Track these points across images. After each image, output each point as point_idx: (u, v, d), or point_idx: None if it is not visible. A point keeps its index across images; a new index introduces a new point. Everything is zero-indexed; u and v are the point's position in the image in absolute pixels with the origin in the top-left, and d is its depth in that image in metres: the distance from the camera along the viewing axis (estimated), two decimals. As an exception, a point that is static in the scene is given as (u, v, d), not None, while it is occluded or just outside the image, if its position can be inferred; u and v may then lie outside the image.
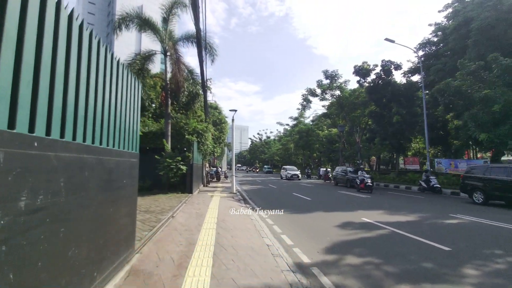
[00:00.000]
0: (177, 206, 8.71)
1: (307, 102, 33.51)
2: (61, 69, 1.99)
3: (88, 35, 2.45)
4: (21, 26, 1.58)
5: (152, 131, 13.91)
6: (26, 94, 1.63)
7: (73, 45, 2.16)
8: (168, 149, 12.31)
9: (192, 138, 12.67)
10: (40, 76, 1.75)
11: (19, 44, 1.57)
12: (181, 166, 11.92)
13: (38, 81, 1.73)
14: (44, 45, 1.78)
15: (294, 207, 10.84)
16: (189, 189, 12.35)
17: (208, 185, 20.72)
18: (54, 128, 1.89)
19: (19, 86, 1.56)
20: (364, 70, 25.49)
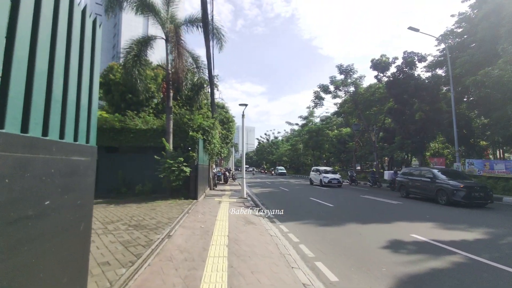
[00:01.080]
0: (178, 217, 7.04)
1: (319, 99, 31.61)
2: None
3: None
4: None
5: (152, 128, 12.33)
6: None
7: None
8: (169, 148, 10.69)
9: (197, 135, 11.03)
10: None
11: None
12: (184, 167, 10.29)
13: None
14: None
15: (317, 216, 9.07)
16: (194, 194, 10.70)
17: (215, 188, 19.07)
18: None
19: None
20: (383, 64, 23.53)
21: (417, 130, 22.69)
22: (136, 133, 12.19)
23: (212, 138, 13.03)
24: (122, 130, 12.21)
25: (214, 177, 20.20)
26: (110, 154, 12.73)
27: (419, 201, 13.14)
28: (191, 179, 10.72)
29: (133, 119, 12.55)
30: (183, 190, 11.05)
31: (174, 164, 10.19)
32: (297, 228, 7.38)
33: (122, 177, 12.20)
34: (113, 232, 5.38)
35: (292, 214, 9.54)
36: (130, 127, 12.19)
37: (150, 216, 7.13)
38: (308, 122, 50.12)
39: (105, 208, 8.41)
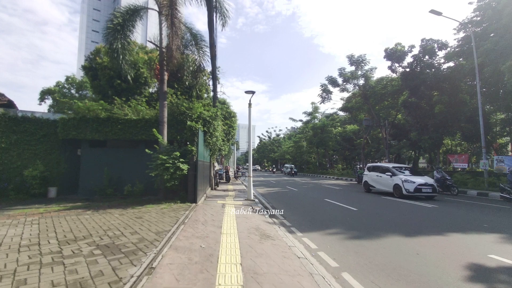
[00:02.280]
0: (170, 231, 5.23)
1: (327, 93, 29.72)
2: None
3: None
4: None
5: (144, 118, 10.51)
6: None
7: None
8: (162, 141, 8.88)
9: (196, 126, 9.20)
10: None
11: None
12: (181, 164, 8.47)
13: None
14: None
15: (345, 224, 7.30)
16: (192, 196, 8.88)
17: (217, 187, 17.25)
18: None
19: None
20: (398, 53, 21.63)
21: (436, 124, 20.83)
22: (124, 124, 10.37)
23: (214, 131, 11.20)
24: (108, 121, 10.38)
25: (216, 175, 18.39)
26: (94, 149, 10.91)
27: (454, 202, 11.32)
28: (189, 178, 8.91)
29: (122, 108, 10.73)
30: (180, 192, 9.25)
31: (169, 160, 8.37)
32: (327, 242, 5.60)
33: (108, 176, 10.38)
34: (68, 259, 3.58)
35: (312, 221, 7.78)
36: (118, 117, 10.38)
37: (133, 230, 5.31)
38: (312, 119, 48.24)
39: (78, 216, 6.59)
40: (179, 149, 8.97)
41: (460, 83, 20.46)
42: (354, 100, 32.56)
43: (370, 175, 15.27)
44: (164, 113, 9.38)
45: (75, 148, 11.21)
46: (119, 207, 7.98)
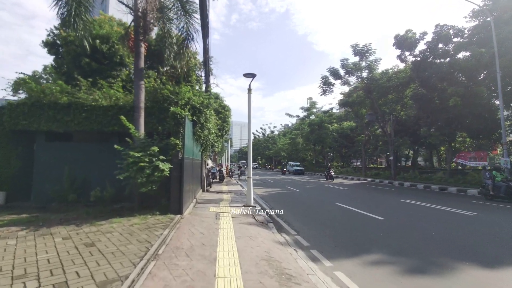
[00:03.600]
0: (128, 277, 3.10)
1: (328, 85, 27.76)
2: None
3: None
4: None
5: (118, 104, 8.29)
6: None
7: None
8: (136, 134, 6.71)
9: (182, 112, 7.02)
10: None
11: None
12: (160, 163, 6.32)
13: None
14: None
15: (384, 246, 5.34)
16: (176, 206, 6.74)
17: (209, 189, 15.14)
18: None
19: None
20: (409, 40, 19.77)
21: (449, 119, 19.12)
22: (91, 112, 8.13)
23: (206, 121, 9.07)
24: (69, 107, 8.13)
25: (209, 175, 16.27)
26: (52, 143, 8.65)
27: (493, 209, 9.47)
28: (172, 182, 6.76)
29: (90, 92, 8.48)
30: (161, 198, 7.11)
31: (144, 157, 6.22)
32: (375, 282, 3.61)
33: (70, 177, 8.16)
34: None
35: (335, 238, 5.89)
36: (83, 103, 8.13)
37: (62, 276, 3.15)
38: (309, 114, 46.42)
39: (3, 240, 4.41)
40: (160, 143, 6.81)
41: (476, 74, 18.77)
42: (355, 94, 30.72)
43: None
44: (141, 96, 7.19)
45: (32, 142, 8.91)
46: (73, 222, 5.80)
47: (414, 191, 15.96)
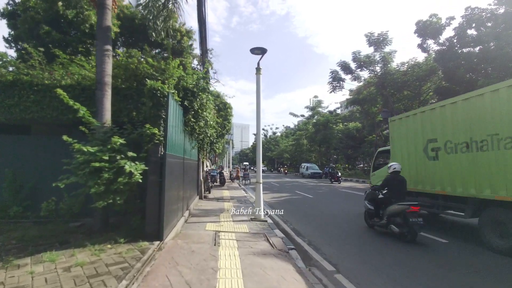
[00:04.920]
0: None
1: (338, 81, 25.51)
2: None
3: None
4: None
5: (81, 83, 6.08)
6: None
7: None
8: (90, 120, 4.46)
9: (164, 87, 4.74)
10: None
11: None
12: (127, 163, 4.07)
13: None
14: None
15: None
16: (154, 228, 4.46)
17: (208, 195, 12.88)
18: None
19: None
20: (433, 26, 17.54)
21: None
22: (43, 94, 5.93)
23: (202, 109, 6.83)
24: (13, 87, 5.92)
25: (207, 178, 14.02)
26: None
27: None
28: (149, 190, 4.50)
29: (42, 66, 6.27)
30: (134, 215, 4.84)
31: (102, 154, 3.97)
32: None
33: (14, 183, 5.94)
34: None
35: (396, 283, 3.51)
36: (32, 81, 5.92)
37: None
38: (315, 114, 44.23)
39: None
40: (131, 135, 4.58)
41: (510, 64, 16.52)
42: (365, 91, 28.52)
43: None
44: (106, 67, 4.96)
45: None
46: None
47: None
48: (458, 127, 5.90)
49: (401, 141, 7.81)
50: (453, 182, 5.96)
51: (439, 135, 6.41)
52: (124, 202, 4.39)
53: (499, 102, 4.98)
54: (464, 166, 5.72)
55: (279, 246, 5.09)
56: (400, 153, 7.78)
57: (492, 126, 5.11)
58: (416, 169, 7.12)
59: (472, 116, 5.53)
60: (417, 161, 7.08)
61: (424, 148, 6.85)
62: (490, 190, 5.09)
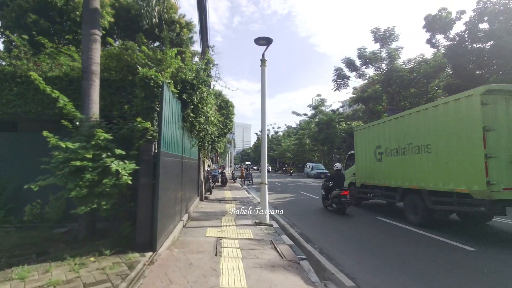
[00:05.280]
0: None
1: (343, 78, 24.88)
2: None
3: None
4: None
5: (69, 75, 5.54)
6: None
7: None
8: (75, 113, 3.89)
9: (159, 76, 4.17)
10: None
11: None
12: (114, 162, 3.51)
13: None
14: None
15: None
16: (146, 237, 3.89)
17: (209, 196, 12.32)
18: None
19: None
20: (444, 20, 16.87)
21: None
22: (27, 86, 5.39)
23: (203, 103, 6.26)
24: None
25: (209, 178, 13.46)
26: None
27: None
28: (140, 194, 3.93)
29: (27, 55, 5.73)
30: (123, 222, 4.26)
31: (85, 152, 3.41)
32: None
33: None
34: None
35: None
36: (15, 72, 5.38)
37: None
38: (318, 112, 43.57)
39: None
40: (120, 130, 4.01)
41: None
42: (370, 89, 27.84)
43: None
44: (93, 54, 4.40)
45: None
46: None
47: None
48: (392, 138, 8.13)
49: (361, 147, 10.02)
50: (390, 177, 8.18)
51: (382, 143, 8.62)
52: (113, 207, 3.82)
53: (412, 121, 7.29)
54: (395, 165, 7.94)
55: (288, 255, 4.51)
56: (361, 155, 9.99)
57: (409, 137, 7.37)
58: (370, 168, 9.35)
59: (399, 130, 7.82)
60: (370, 162, 9.30)
61: (374, 152, 9.05)
62: (408, 182, 7.32)
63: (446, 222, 7.28)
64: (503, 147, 5.33)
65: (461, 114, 5.83)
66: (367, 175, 9.41)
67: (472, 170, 5.50)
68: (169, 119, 4.45)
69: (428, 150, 6.68)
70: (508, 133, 5.38)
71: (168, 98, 4.33)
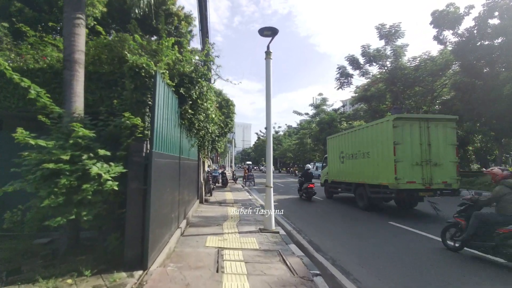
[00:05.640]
0: None
1: (346, 77, 24.31)
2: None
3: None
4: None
5: (53, 67, 4.99)
6: None
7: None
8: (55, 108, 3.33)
9: (151, 64, 3.63)
10: None
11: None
12: (96, 165, 2.94)
13: None
14: None
15: None
16: (136, 252, 3.33)
17: (209, 198, 11.76)
18: None
19: None
20: (452, 15, 16.31)
21: (501, 111, 15.59)
22: (5, 80, 4.80)
23: (202, 99, 5.71)
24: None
25: (209, 179, 12.90)
26: None
27: None
28: (129, 201, 3.36)
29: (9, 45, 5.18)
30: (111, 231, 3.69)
31: (62, 153, 2.84)
32: None
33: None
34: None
35: None
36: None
37: None
38: (320, 112, 43.01)
39: None
40: (106, 129, 3.45)
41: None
42: (373, 88, 27.27)
43: None
44: (77, 40, 3.84)
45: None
46: None
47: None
48: (349, 145, 10.63)
49: (331, 152, 12.66)
50: (348, 175, 10.62)
51: (343, 149, 11.13)
52: (97, 217, 3.26)
53: (360, 134, 9.79)
54: (351, 166, 10.43)
55: (300, 271, 3.95)
56: (331, 158, 12.66)
57: (358, 146, 9.83)
58: (337, 168, 11.80)
59: (353, 140, 10.30)
60: (337, 164, 11.74)
61: (339, 156, 11.52)
62: (358, 179, 9.71)
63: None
64: (406, 155, 7.84)
65: (382, 132, 8.43)
66: (336, 173, 11.91)
67: (388, 170, 8.01)
68: (164, 115, 3.88)
69: (368, 156, 9.17)
70: (410, 146, 7.91)
71: (162, 90, 3.77)
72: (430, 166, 7.85)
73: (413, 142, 7.90)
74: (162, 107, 3.80)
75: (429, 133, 8.01)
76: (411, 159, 7.84)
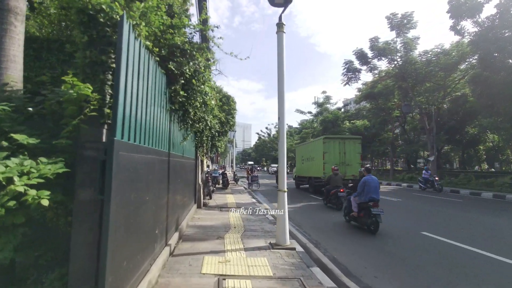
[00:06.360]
0: None
1: (353, 72, 23.05)
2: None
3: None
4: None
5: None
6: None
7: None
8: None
9: (113, 6, 2.41)
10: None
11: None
12: (9, 163, 1.67)
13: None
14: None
15: None
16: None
17: (208, 202, 10.48)
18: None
19: None
20: (471, 3, 15.04)
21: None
22: None
23: (197, 78, 4.45)
24: None
25: (208, 181, 11.61)
26: None
27: None
28: (75, 221, 2.10)
29: None
30: (53, 265, 2.42)
31: None
32: None
33: None
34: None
35: None
36: None
37: None
38: (323, 110, 41.80)
39: None
40: (42, 103, 2.18)
41: None
42: (380, 84, 26.04)
43: None
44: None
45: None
46: None
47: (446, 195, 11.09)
48: (305, 152, 16.73)
49: (297, 156, 18.89)
50: (305, 171, 16.33)
51: (303, 155, 17.14)
52: (24, 249, 1.99)
53: (309, 146, 16.49)
54: (306, 166, 16.30)
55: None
56: (297, 160, 18.80)
57: (308, 153, 15.93)
58: (300, 167, 17.80)
59: (307, 149, 16.50)
60: (300, 164, 17.77)
61: (301, 159, 17.56)
62: (309, 174, 15.62)
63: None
64: (330, 159, 12.95)
65: (318, 146, 13.90)
66: (299, 171, 17.76)
67: (320, 168, 13.16)
68: (140, 89, 2.63)
69: (313, 159, 14.68)
70: (333, 154, 13.18)
71: (138, 51, 2.52)
72: (345, 166, 12.96)
73: (335, 152, 13.24)
74: (137, 75, 2.54)
75: (344, 146, 13.39)
76: (334, 162, 12.64)
